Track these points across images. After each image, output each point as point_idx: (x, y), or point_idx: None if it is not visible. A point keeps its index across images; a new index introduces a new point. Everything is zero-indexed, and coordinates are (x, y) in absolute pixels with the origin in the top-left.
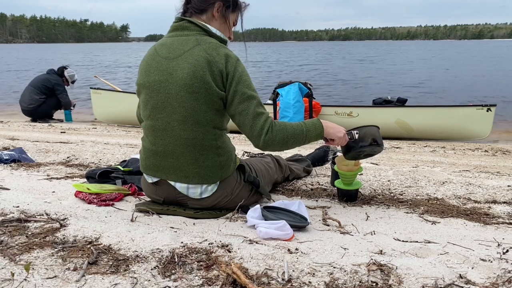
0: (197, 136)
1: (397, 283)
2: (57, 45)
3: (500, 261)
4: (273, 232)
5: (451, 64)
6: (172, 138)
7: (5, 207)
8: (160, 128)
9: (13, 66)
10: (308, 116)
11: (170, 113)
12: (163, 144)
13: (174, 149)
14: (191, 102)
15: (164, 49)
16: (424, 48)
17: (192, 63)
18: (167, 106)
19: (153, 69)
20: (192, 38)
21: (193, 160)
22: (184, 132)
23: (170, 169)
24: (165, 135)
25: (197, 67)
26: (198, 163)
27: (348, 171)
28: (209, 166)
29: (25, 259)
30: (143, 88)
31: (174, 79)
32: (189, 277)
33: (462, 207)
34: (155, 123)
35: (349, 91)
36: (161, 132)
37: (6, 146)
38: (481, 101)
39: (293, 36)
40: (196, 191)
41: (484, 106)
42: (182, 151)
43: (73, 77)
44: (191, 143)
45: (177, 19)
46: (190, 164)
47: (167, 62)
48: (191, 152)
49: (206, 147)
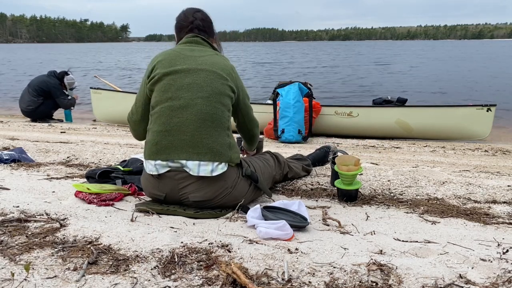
0: (216, 112)
1: (397, 283)
2: (57, 45)
3: (500, 261)
4: (273, 232)
5: (476, 65)
6: (191, 114)
7: (5, 207)
8: (181, 106)
9: (21, 68)
10: (308, 116)
11: (196, 91)
12: (179, 122)
13: (190, 124)
14: (218, 84)
15: (186, 51)
16: (435, 47)
17: (220, 61)
18: (194, 86)
19: (179, 60)
20: (208, 49)
21: (207, 135)
22: (206, 107)
23: (183, 147)
24: (185, 112)
25: (225, 65)
26: (212, 138)
27: (348, 171)
28: (221, 143)
29: (25, 259)
30: (167, 75)
31: (204, 67)
32: (189, 277)
33: (462, 207)
34: (176, 103)
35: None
36: (180, 110)
37: (6, 146)
38: (485, 101)
39: (293, 36)
40: (207, 168)
41: (484, 106)
42: (198, 126)
43: (72, 85)
44: (210, 118)
45: (191, 35)
46: (204, 138)
47: (193, 58)
48: (208, 126)
49: (221, 125)
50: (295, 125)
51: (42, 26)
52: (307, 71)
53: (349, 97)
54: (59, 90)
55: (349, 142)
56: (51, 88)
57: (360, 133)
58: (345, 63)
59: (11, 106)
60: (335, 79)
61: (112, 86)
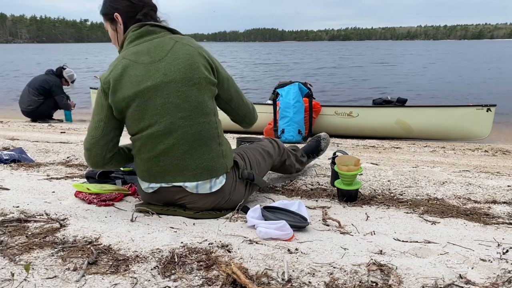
0: (203, 128)
1: (397, 283)
2: (57, 45)
3: (500, 261)
4: (273, 232)
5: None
6: (176, 139)
7: (5, 207)
8: (162, 132)
9: (24, 68)
10: (308, 116)
11: (173, 112)
12: (166, 148)
13: (178, 148)
14: (195, 94)
15: (142, 56)
16: (437, 48)
17: (184, 57)
18: (169, 107)
19: (140, 77)
20: (165, 38)
21: (199, 154)
22: (191, 127)
23: (176, 171)
24: (169, 137)
25: (191, 59)
26: (204, 157)
27: (348, 171)
28: (214, 158)
29: (25, 259)
30: (134, 99)
31: (171, 78)
32: (189, 277)
33: (462, 207)
34: (155, 130)
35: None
36: (163, 137)
37: (6, 146)
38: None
39: (293, 36)
40: (206, 186)
41: (484, 106)
42: (187, 149)
43: (72, 77)
44: (198, 137)
45: (137, 27)
46: (196, 159)
47: (154, 65)
48: (197, 146)
49: (210, 137)
50: (295, 125)
51: (42, 26)
52: (314, 72)
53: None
54: (59, 88)
55: (349, 142)
56: (52, 86)
57: (360, 133)
58: (351, 63)
59: (9, 103)
60: (346, 80)
61: None
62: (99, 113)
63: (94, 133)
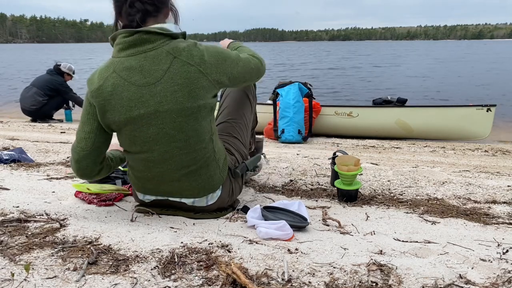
0: (199, 154)
1: (397, 283)
2: (57, 45)
3: (500, 261)
4: (273, 232)
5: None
6: (172, 166)
7: (5, 207)
8: (156, 159)
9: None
10: (308, 116)
11: (168, 142)
12: (160, 172)
13: (173, 173)
14: (192, 124)
15: (135, 75)
16: (439, 48)
17: (183, 82)
18: (163, 136)
19: (132, 102)
20: (162, 51)
21: (196, 177)
22: (186, 155)
23: (172, 191)
24: (164, 164)
25: (190, 85)
26: (202, 177)
27: (348, 171)
28: (211, 176)
29: (25, 259)
30: (125, 125)
31: (166, 107)
32: (189, 277)
33: (462, 207)
34: (150, 155)
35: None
36: (157, 163)
37: (6, 146)
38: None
39: (293, 36)
40: (202, 200)
41: (484, 106)
42: (184, 173)
43: (71, 68)
44: (193, 163)
45: (128, 33)
46: (192, 182)
47: (148, 89)
48: (194, 171)
49: (207, 160)
50: (295, 125)
51: (42, 26)
52: (324, 73)
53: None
54: (66, 87)
55: (349, 142)
56: (59, 86)
57: (360, 133)
58: (356, 63)
59: (9, 103)
60: (355, 81)
61: None
62: (89, 124)
63: (84, 144)
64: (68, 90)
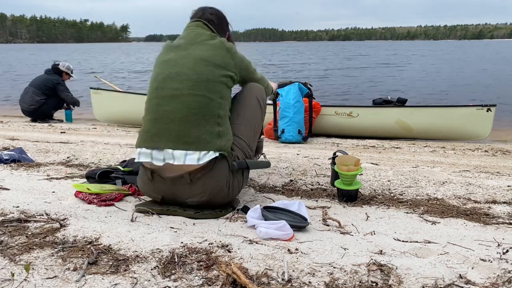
0: (204, 101)
1: (397, 283)
2: (57, 45)
3: (500, 261)
4: (273, 232)
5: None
6: (178, 104)
7: (5, 207)
8: (168, 95)
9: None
10: (308, 116)
11: (182, 80)
12: (167, 110)
13: (178, 113)
14: (207, 72)
15: (180, 40)
16: (440, 48)
17: (213, 45)
18: (180, 75)
19: (170, 52)
20: (207, 33)
21: (195, 124)
22: (193, 97)
23: (170, 135)
24: (173, 101)
25: (217, 50)
26: (199, 128)
27: (348, 171)
28: (208, 131)
29: (25, 259)
30: (158, 65)
31: (193, 55)
32: (189, 277)
33: (462, 207)
34: (163, 92)
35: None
36: (168, 99)
37: (6, 146)
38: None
39: (293, 36)
40: (194, 156)
41: (484, 106)
42: (185, 115)
43: (70, 67)
44: (197, 107)
45: (194, 20)
46: (191, 128)
47: (184, 46)
48: (195, 116)
49: (210, 113)
50: (295, 125)
51: (42, 26)
52: (326, 73)
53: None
54: (62, 85)
55: (349, 142)
56: (55, 84)
57: (360, 133)
58: (361, 64)
59: (10, 103)
60: (362, 82)
61: (112, 86)
62: None
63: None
64: (63, 89)
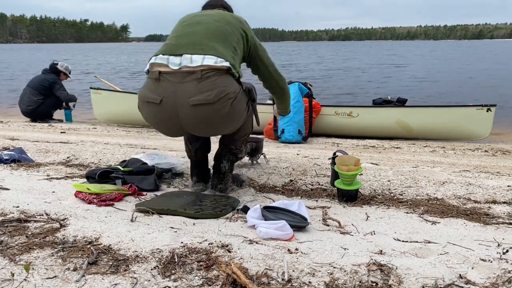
0: (225, 31)
1: (397, 283)
2: (58, 45)
3: (500, 261)
4: (273, 232)
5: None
6: (202, 27)
7: (5, 207)
8: (193, 22)
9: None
10: (308, 116)
11: (206, 19)
12: (190, 32)
13: (200, 32)
14: (228, 17)
15: (200, 12)
16: (441, 48)
17: (227, 14)
18: (203, 20)
19: (189, 17)
20: (220, 11)
21: (215, 40)
22: (215, 26)
23: (189, 45)
24: (196, 26)
25: (232, 18)
26: (218, 44)
27: (348, 171)
28: (225, 46)
29: (25, 259)
30: (178, 25)
31: (212, 17)
32: (189, 277)
33: (462, 207)
34: (187, 23)
35: None
36: (192, 25)
37: (6, 146)
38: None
39: (293, 36)
40: (211, 60)
41: (484, 106)
42: (206, 34)
43: (68, 68)
44: (219, 32)
45: (209, 7)
46: (211, 41)
47: (202, 12)
48: (216, 37)
49: (228, 41)
50: (295, 125)
51: (42, 26)
52: (327, 73)
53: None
54: (58, 84)
55: (349, 142)
56: (51, 83)
57: (360, 133)
58: (363, 64)
59: (9, 103)
60: (366, 82)
61: (112, 86)
62: None
63: None
64: (58, 87)
